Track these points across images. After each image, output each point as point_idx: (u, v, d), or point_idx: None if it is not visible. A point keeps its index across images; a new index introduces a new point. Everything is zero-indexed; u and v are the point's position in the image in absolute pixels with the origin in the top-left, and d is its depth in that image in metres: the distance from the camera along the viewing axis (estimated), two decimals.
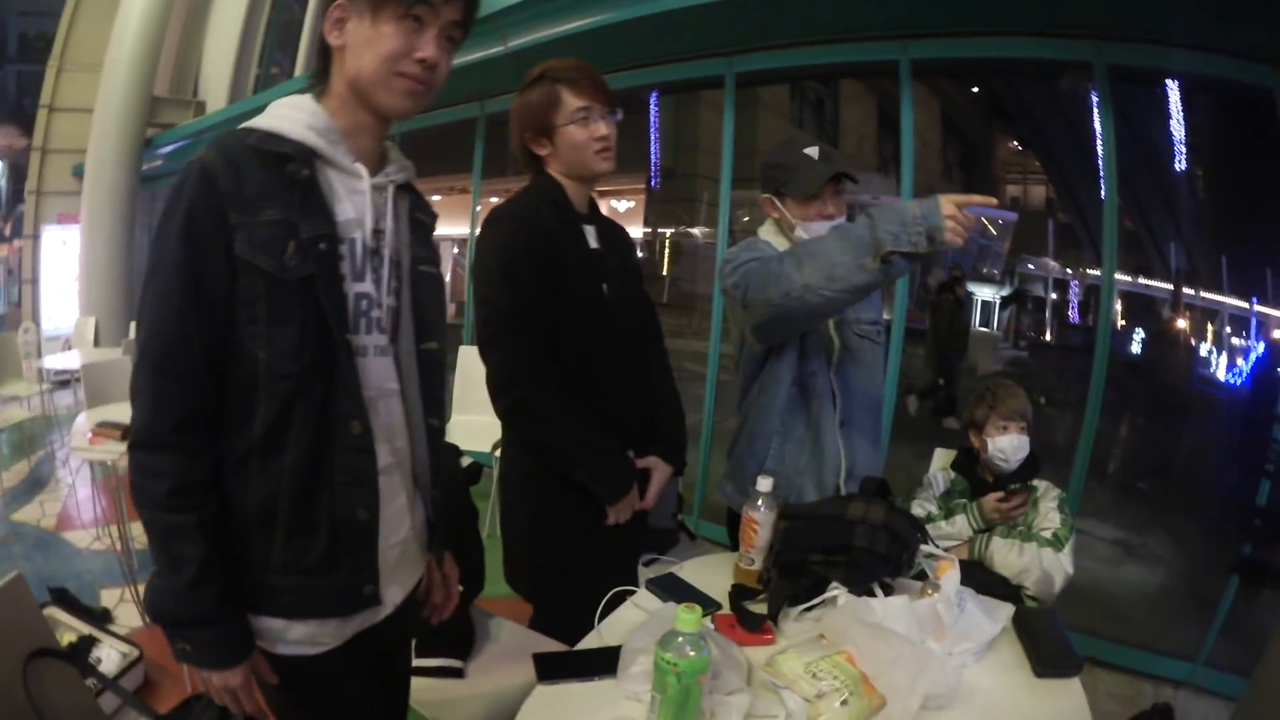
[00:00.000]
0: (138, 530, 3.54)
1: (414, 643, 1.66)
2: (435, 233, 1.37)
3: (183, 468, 1.07)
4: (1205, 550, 4.70)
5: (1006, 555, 2.18)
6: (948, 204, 1.50)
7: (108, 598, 3.47)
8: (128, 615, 3.28)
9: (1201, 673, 3.23)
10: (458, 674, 1.81)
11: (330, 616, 1.18)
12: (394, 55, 1.14)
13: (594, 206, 1.94)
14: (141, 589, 3.30)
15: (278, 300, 1.09)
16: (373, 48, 1.14)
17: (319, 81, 1.21)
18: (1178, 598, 4.31)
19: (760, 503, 1.63)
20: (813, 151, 1.89)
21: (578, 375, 1.77)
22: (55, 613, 2.93)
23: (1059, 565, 2.15)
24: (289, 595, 1.14)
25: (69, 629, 2.82)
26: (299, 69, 9.00)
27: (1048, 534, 2.20)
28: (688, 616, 1.10)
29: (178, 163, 10.73)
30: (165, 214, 1.07)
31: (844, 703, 1.17)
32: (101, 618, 3.16)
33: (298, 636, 1.16)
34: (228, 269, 1.07)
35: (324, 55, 1.20)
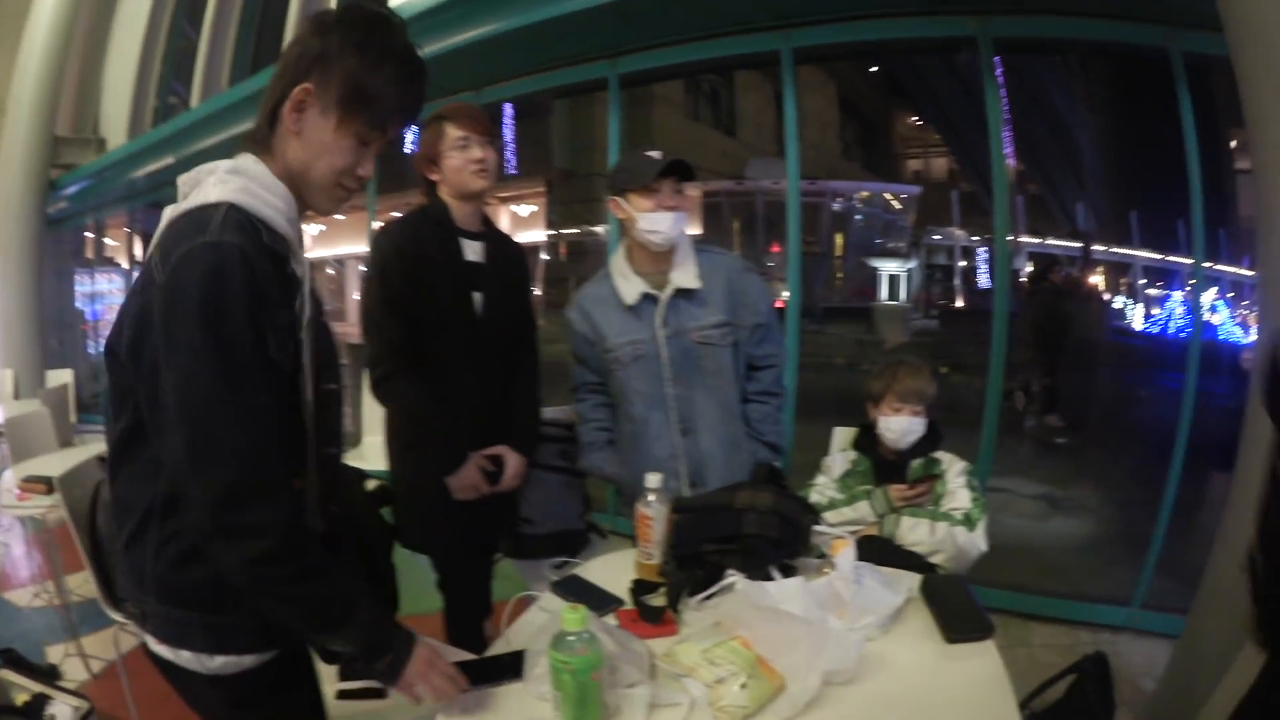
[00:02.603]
0: (75, 583, 3.51)
1: (338, 667, 1.68)
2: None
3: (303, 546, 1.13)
4: (1132, 495, 4.86)
5: (917, 534, 2.16)
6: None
7: (53, 654, 3.38)
8: (74, 669, 3.19)
9: (1139, 615, 3.33)
10: (380, 694, 1.80)
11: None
12: (345, 170, 1.21)
13: (488, 224, 2.26)
14: (84, 642, 3.25)
15: (281, 392, 1.16)
16: (328, 155, 1.19)
17: (260, 147, 1.21)
18: (1109, 544, 4.43)
19: (651, 498, 1.67)
20: (655, 154, 2.03)
21: (435, 367, 2.10)
22: (6, 674, 2.87)
23: (973, 543, 2.13)
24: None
25: (21, 689, 2.73)
26: (195, 98, 8.73)
27: (959, 514, 2.17)
28: (572, 616, 1.13)
29: (83, 204, 10.40)
30: (205, 301, 1.03)
31: (743, 685, 1.20)
32: (50, 675, 3.05)
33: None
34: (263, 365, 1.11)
35: (272, 125, 1.20)
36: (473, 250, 2.16)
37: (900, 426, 2.27)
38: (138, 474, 1.16)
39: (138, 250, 10.94)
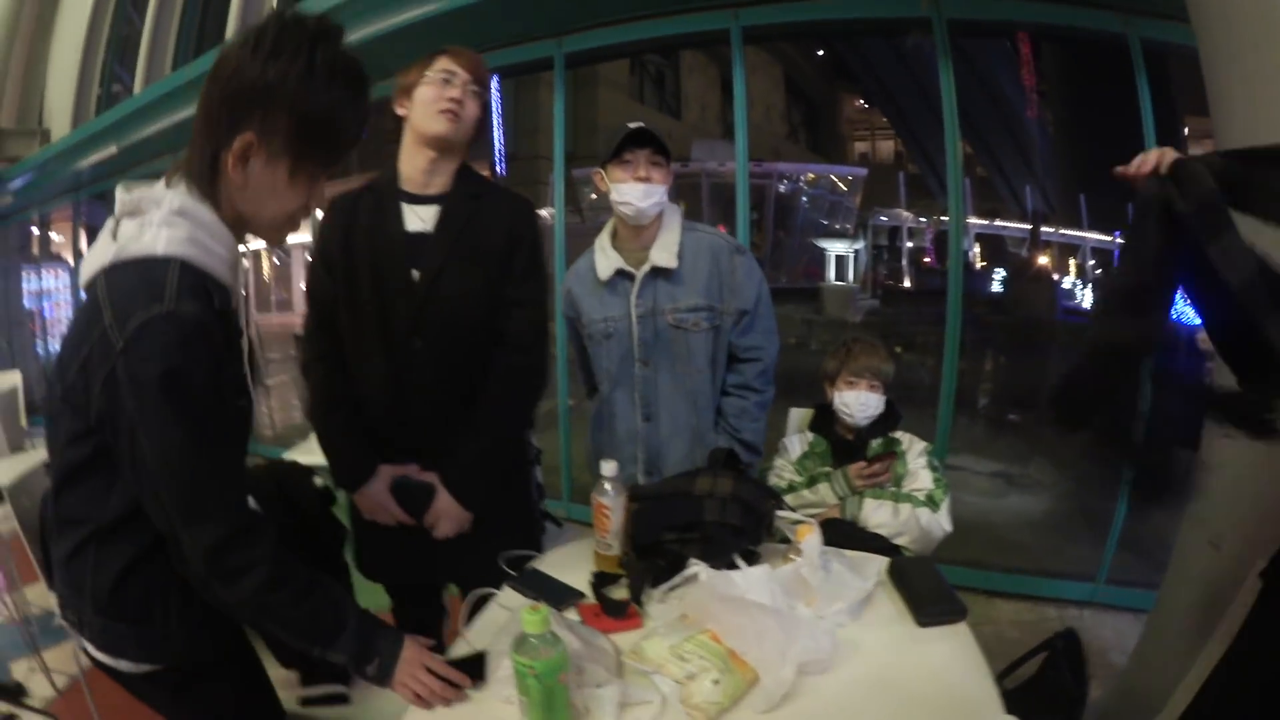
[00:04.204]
0: (32, 595, 3.42)
1: (299, 674, 1.70)
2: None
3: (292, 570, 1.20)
4: (1090, 471, 4.94)
5: (880, 516, 2.14)
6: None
7: (17, 669, 3.28)
8: (40, 686, 3.12)
9: (1104, 590, 3.35)
10: (343, 699, 1.76)
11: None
12: (299, 212, 1.22)
13: (465, 182, 1.86)
14: (46, 656, 3.14)
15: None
16: (279, 201, 1.19)
17: (202, 187, 1.16)
18: (1069, 520, 4.45)
19: (608, 487, 1.62)
20: (634, 124, 1.95)
21: (351, 357, 1.84)
22: None
23: (937, 523, 2.12)
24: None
25: None
26: (138, 85, 8.49)
27: (921, 495, 2.16)
28: (533, 618, 1.08)
29: (28, 198, 10.15)
30: (169, 374, 1.05)
31: (715, 681, 1.16)
32: (16, 692, 3.08)
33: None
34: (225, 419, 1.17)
35: (214, 169, 1.15)
36: (419, 218, 1.81)
37: (855, 400, 2.25)
38: (84, 496, 1.18)
39: (84, 245, 10.66)
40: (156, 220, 1.11)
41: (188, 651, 1.27)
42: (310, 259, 1.89)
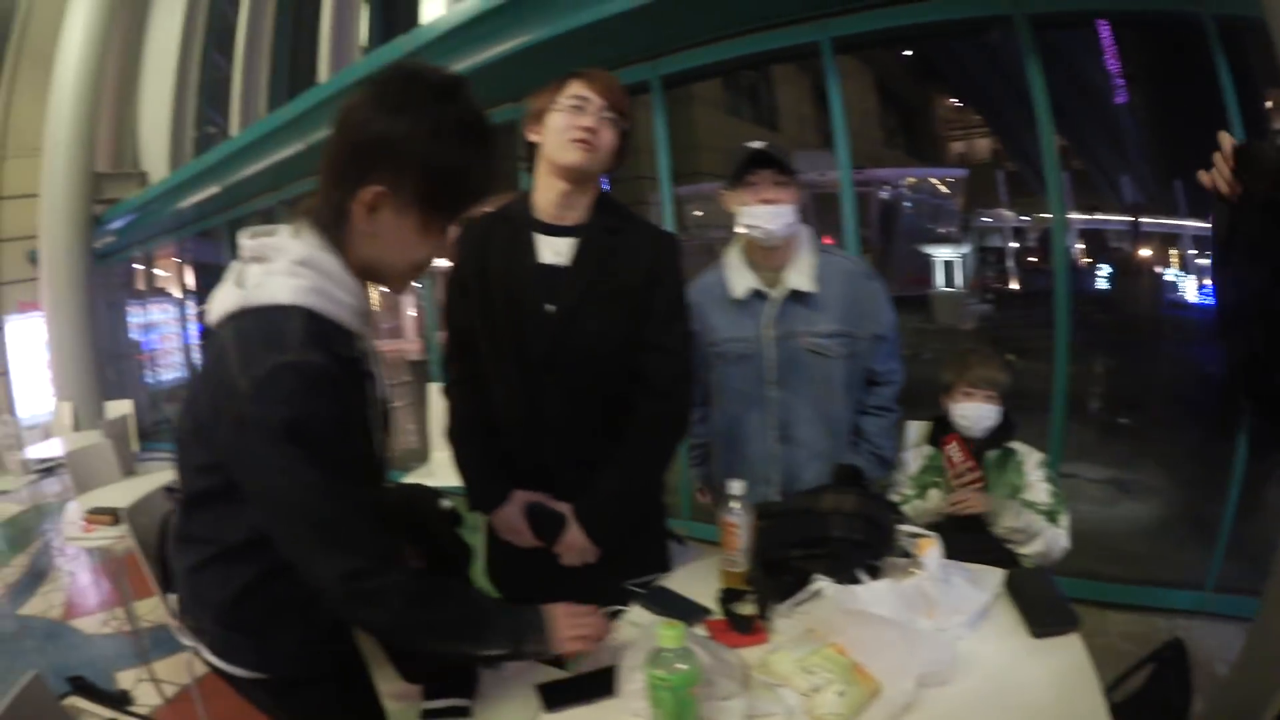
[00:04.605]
0: (144, 609, 3.58)
1: (422, 689, 1.69)
2: None
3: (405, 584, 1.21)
4: (1198, 475, 4.73)
5: (1013, 521, 2.13)
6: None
7: (124, 679, 3.46)
8: (146, 695, 3.28)
9: (1212, 598, 3.26)
10: (465, 713, 1.80)
11: None
12: (425, 261, 1.25)
13: (600, 212, 1.77)
14: (155, 667, 3.31)
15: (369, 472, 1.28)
16: (409, 252, 1.23)
17: (328, 235, 1.19)
18: (1178, 527, 4.31)
19: (736, 505, 1.64)
20: (756, 144, 1.93)
21: (489, 382, 1.81)
22: (77, 701, 2.91)
23: (1056, 539, 2.12)
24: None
25: (92, 716, 2.86)
26: (234, 127, 8.86)
27: (1041, 509, 2.15)
28: (669, 633, 1.12)
29: (130, 237, 10.57)
30: (294, 421, 1.08)
31: (840, 693, 1.18)
32: (121, 700, 3.12)
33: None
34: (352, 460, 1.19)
35: (341, 217, 1.18)
36: (553, 250, 1.73)
37: (973, 412, 2.23)
38: (211, 520, 1.25)
39: (189, 279, 11.16)
40: (281, 270, 1.14)
41: (300, 664, 1.34)
42: (447, 283, 1.87)
